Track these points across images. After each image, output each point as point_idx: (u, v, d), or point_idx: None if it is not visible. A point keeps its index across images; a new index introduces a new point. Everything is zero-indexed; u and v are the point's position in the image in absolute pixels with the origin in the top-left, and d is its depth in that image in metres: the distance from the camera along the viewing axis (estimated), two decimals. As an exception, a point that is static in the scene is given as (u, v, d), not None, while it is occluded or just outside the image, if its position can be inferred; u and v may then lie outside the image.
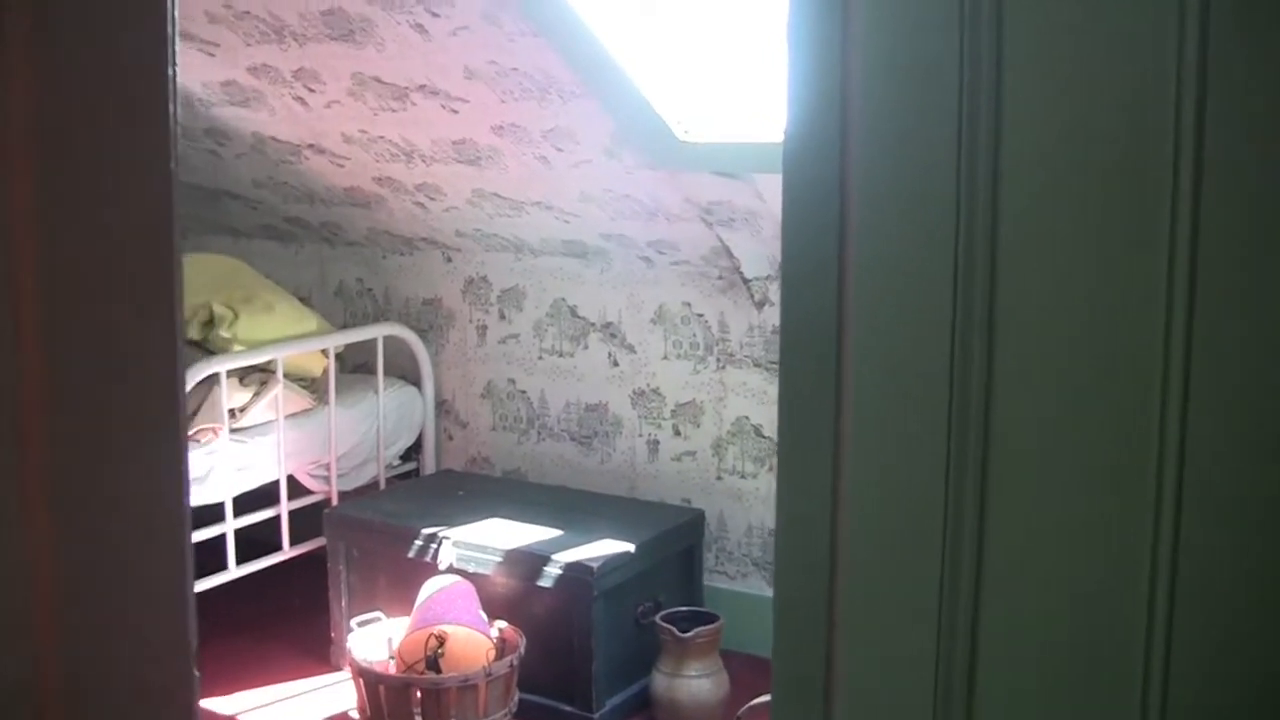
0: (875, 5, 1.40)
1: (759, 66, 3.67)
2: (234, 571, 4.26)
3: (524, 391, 4.75)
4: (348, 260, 5.07)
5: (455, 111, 3.90)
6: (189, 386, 4.03)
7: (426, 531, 4.07)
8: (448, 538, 4.02)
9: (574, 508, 4.28)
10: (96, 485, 0.82)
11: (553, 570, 3.84)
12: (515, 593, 3.94)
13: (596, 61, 3.54)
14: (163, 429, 0.86)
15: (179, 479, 0.86)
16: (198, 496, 4.10)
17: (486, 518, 4.18)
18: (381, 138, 4.19)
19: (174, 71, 0.82)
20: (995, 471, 1.35)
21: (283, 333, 4.42)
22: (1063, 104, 1.29)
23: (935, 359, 1.37)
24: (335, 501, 4.49)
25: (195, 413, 4.15)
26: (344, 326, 5.03)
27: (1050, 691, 1.34)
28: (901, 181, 1.38)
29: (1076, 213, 1.30)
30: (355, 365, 4.95)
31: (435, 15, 3.50)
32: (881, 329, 1.41)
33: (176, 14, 0.82)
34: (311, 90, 4.05)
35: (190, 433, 4.11)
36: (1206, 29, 1.19)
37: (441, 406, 4.93)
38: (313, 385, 4.55)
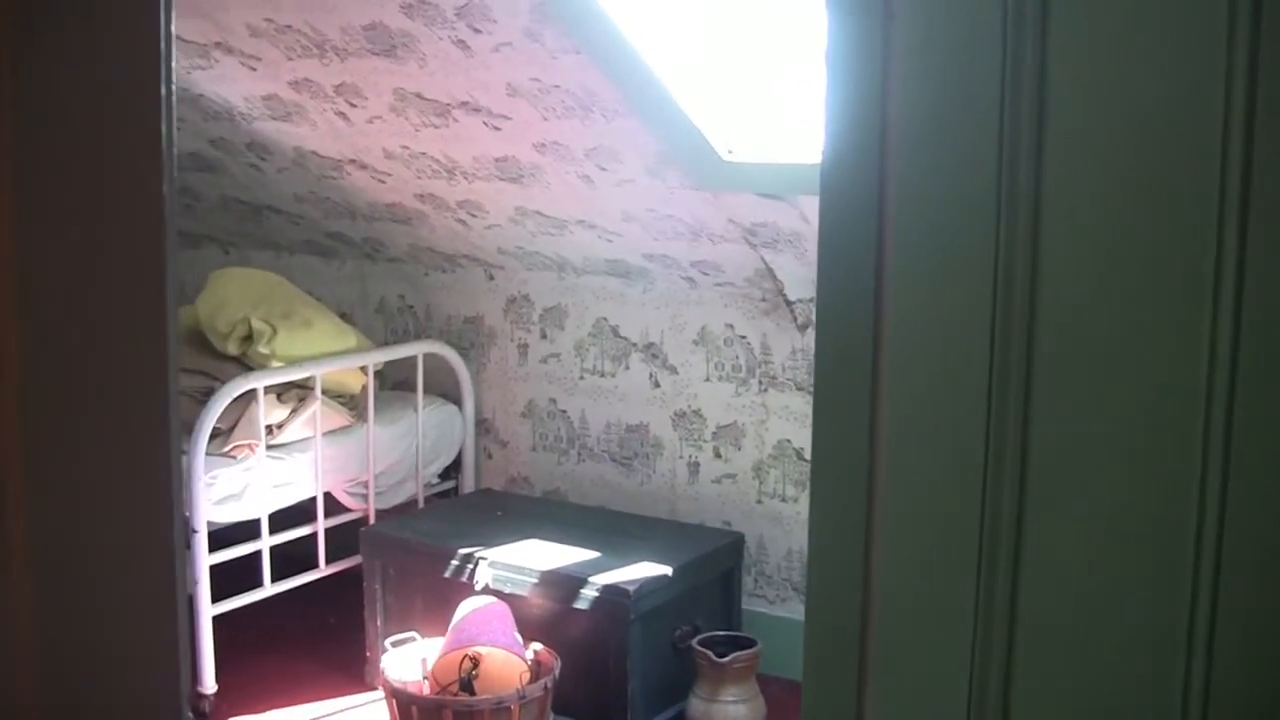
0: (917, 27, 1.37)
1: (804, 86, 3.62)
2: (269, 589, 4.23)
3: (565, 411, 4.71)
4: (389, 276, 5.04)
5: (497, 129, 3.87)
6: (226, 402, 4.00)
7: (463, 551, 4.03)
8: (484, 558, 3.98)
9: (613, 529, 4.23)
10: (79, 529, 0.78)
11: (589, 592, 3.80)
12: (551, 614, 3.90)
13: (639, 80, 3.50)
14: (152, 476, 0.82)
15: (169, 522, 0.81)
16: (233, 513, 4.08)
17: (524, 538, 4.14)
18: (423, 154, 4.16)
19: (169, 90, 0.78)
20: (1032, 495, 1.32)
21: (321, 349, 4.39)
22: (1106, 122, 1.27)
23: (973, 384, 1.33)
24: (373, 520, 4.46)
25: (232, 429, 4.13)
26: (385, 343, 5.00)
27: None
28: (941, 205, 1.36)
29: (1119, 233, 1.27)
30: (395, 382, 4.92)
31: (477, 31, 3.47)
32: (918, 353, 1.38)
33: (173, 29, 0.79)
34: (353, 105, 4.02)
35: (227, 449, 4.09)
36: (1257, 36, 1.16)
37: (481, 425, 4.89)
38: (351, 402, 4.52)
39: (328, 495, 4.39)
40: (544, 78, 3.57)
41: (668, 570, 3.87)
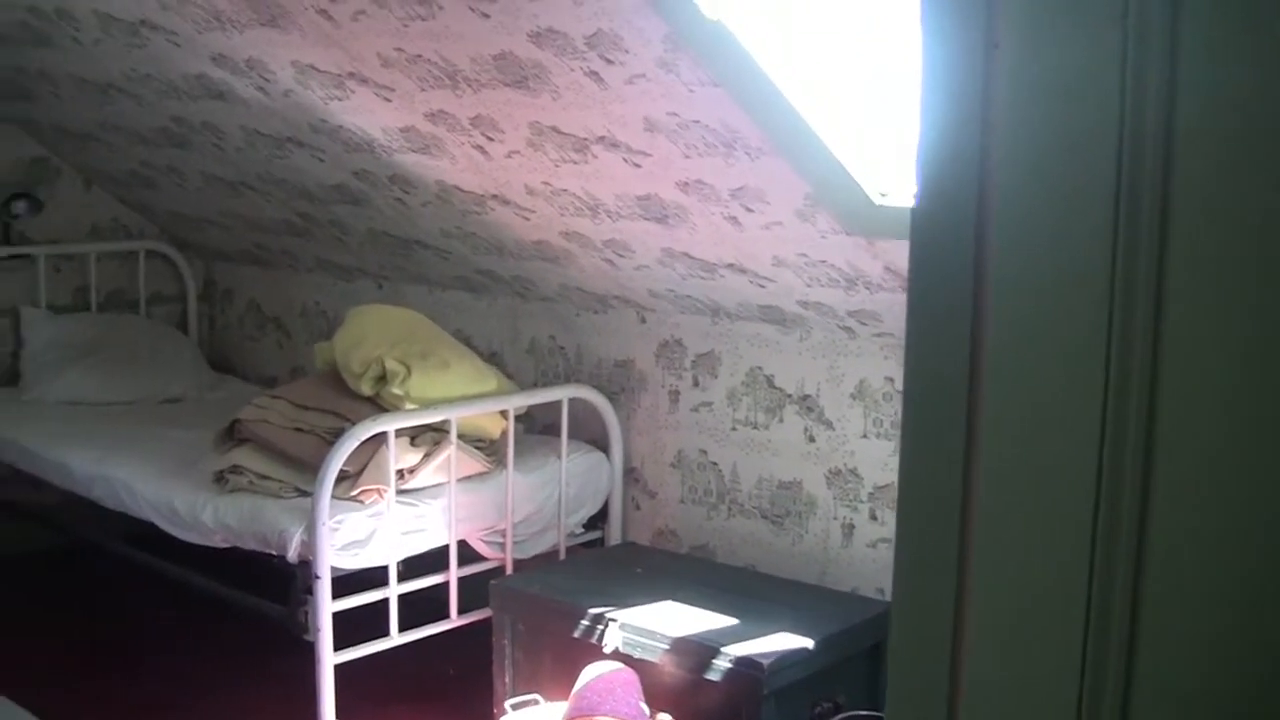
0: (1022, 60, 1.17)
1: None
2: (396, 638, 4.07)
3: (715, 463, 4.47)
4: (541, 316, 4.87)
5: (638, 165, 3.66)
6: (353, 445, 3.86)
7: (594, 611, 3.81)
8: (615, 619, 3.76)
9: (756, 594, 3.98)
10: None
11: (722, 663, 3.55)
12: (682, 684, 3.66)
13: (782, 116, 3.26)
14: None
15: None
16: (358, 560, 3.95)
17: (661, 599, 3.90)
18: (565, 191, 3.97)
19: None
20: (1150, 573, 1.10)
21: (458, 391, 4.22)
22: (1242, 167, 1.04)
23: (1080, 476, 1.12)
24: (509, 570, 4.28)
25: (361, 472, 3.98)
26: (535, 384, 4.83)
27: None
28: (1046, 263, 1.15)
29: (1256, 301, 1.03)
30: (545, 425, 4.73)
31: (610, 62, 3.27)
32: (1019, 437, 1.17)
33: None
34: (490, 139, 3.85)
35: (354, 493, 3.95)
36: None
37: (630, 474, 4.67)
38: (490, 448, 4.35)
39: (463, 543, 4.22)
40: (682, 112, 3.36)
41: (809, 643, 3.60)
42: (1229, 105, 1.03)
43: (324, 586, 3.83)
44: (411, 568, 4.15)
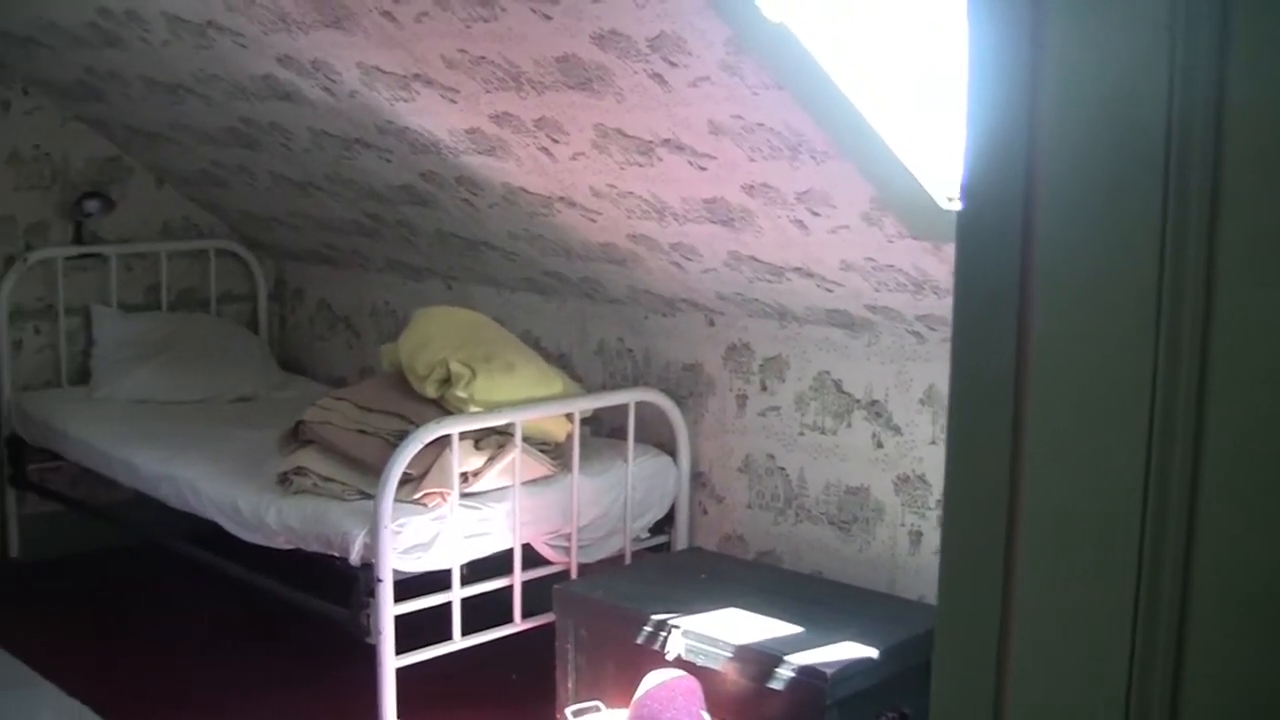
0: (1068, 63, 1.14)
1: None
2: (459, 642, 4.06)
3: (783, 468, 4.42)
4: (609, 318, 4.84)
5: (703, 168, 3.62)
6: (417, 448, 3.85)
7: (656, 618, 3.77)
8: (677, 626, 3.72)
9: (822, 601, 3.93)
10: None
11: (785, 672, 3.50)
12: (745, 692, 3.61)
13: (846, 119, 3.21)
14: None
15: None
16: (421, 563, 3.95)
17: (725, 606, 3.86)
18: (631, 193, 3.94)
19: None
20: (1199, 570, 1.08)
21: (522, 394, 4.20)
22: None
23: (1128, 458, 1.10)
24: (574, 574, 4.25)
25: (424, 475, 3.96)
26: (603, 387, 4.80)
27: None
28: (1094, 270, 1.13)
29: None
30: (612, 429, 4.70)
31: (673, 65, 3.23)
32: (1066, 443, 1.14)
33: None
34: (555, 141, 3.83)
35: (416, 496, 3.93)
36: None
37: (697, 479, 4.63)
38: (556, 451, 4.32)
39: (527, 547, 4.20)
40: (746, 115, 3.31)
41: (873, 653, 3.55)
42: (1278, 100, 1.01)
43: (386, 589, 3.82)
44: (475, 571, 4.14)
